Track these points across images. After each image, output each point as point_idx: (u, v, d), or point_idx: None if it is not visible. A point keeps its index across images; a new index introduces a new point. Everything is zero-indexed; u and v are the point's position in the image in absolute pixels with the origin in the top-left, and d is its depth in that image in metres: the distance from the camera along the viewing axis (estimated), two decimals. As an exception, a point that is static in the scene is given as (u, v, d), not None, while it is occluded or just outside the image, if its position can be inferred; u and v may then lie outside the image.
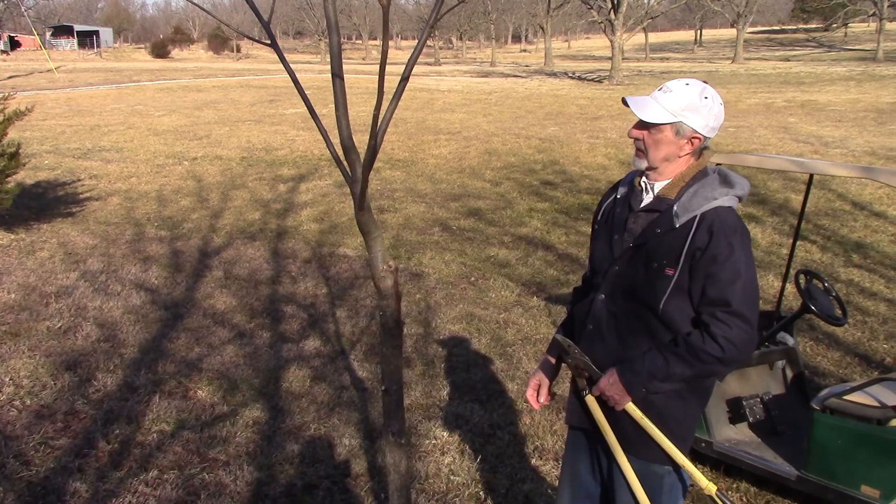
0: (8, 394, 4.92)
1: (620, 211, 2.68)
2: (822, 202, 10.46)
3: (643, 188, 2.63)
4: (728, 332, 2.38)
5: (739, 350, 2.40)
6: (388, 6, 1.88)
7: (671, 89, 2.52)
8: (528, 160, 14.26)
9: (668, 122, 2.50)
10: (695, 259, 2.43)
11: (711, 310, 2.42)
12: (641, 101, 2.54)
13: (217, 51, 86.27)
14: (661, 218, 2.54)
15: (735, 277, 2.40)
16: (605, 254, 2.69)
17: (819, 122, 19.18)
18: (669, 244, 2.48)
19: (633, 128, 2.59)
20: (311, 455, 4.33)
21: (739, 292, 2.39)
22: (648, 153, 2.55)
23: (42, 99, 23.12)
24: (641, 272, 2.54)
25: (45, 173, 12.82)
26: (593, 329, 2.67)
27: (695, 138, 2.52)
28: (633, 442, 2.61)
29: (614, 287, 2.62)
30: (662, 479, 2.64)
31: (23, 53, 67.86)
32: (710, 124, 2.52)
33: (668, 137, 2.51)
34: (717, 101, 2.53)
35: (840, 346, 5.96)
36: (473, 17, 75.29)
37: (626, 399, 2.54)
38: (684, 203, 2.49)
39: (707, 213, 2.45)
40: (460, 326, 6.30)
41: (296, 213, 10.22)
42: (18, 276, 7.38)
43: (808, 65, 44.39)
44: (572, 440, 2.90)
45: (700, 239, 2.43)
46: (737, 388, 4.33)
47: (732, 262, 2.40)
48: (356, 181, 2.19)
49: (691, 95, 2.49)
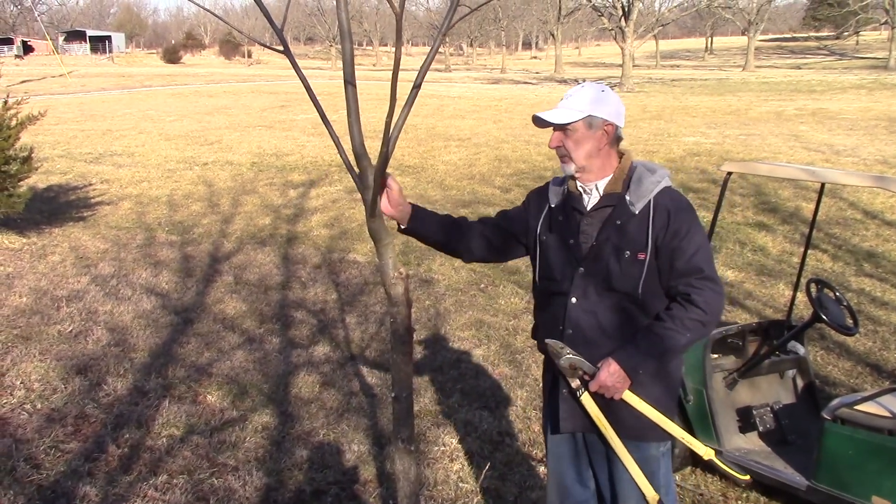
0: (19, 397, 4.94)
1: (565, 216, 2.79)
2: (833, 211, 10.41)
3: (583, 191, 2.76)
4: (706, 296, 2.57)
5: (717, 310, 2.61)
6: (402, 14, 1.88)
7: (571, 94, 2.72)
8: (538, 167, 14.26)
9: (578, 119, 2.65)
10: (659, 239, 2.62)
11: (686, 280, 2.60)
12: (549, 112, 2.69)
13: (228, 56, 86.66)
14: (617, 211, 2.68)
15: (699, 247, 2.61)
16: (565, 259, 2.77)
17: (830, 130, 19.11)
18: (633, 231, 2.64)
19: (552, 138, 2.73)
20: (319, 461, 4.33)
21: (705, 259, 2.61)
22: (572, 154, 2.69)
23: (54, 103, 23.23)
24: (613, 264, 2.66)
25: (57, 177, 12.89)
26: (573, 333, 2.74)
27: (607, 125, 2.67)
28: (634, 428, 2.71)
29: (585, 287, 2.71)
30: (659, 462, 2.78)
31: (36, 58, 68.32)
32: (617, 110, 2.70)
33: (584, 133, 2.66)
34: (610, 90, 2.73)
35: (851, 355, 5.93)
36: (484, 24, 75.35)
37: (626, 385, 2.64)
38: (634, 191, 2.67)
39: (658, 196, 2.65)
40: (469, 333, 6.30)
41: (306, 218, 10.24)
42: (30, 279, 7.42)
43: (820, 73, 44.25)
44: (556, 450, 2.95)
45: (660, 219, 2.62)
46: (747, 398, 4.32)
47: (693, 234, 2.61)
48: (367, 188, 2.19)
49: (590, 91, 2.69)
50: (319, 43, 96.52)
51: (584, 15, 64.19)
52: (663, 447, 2.79)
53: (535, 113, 2.70)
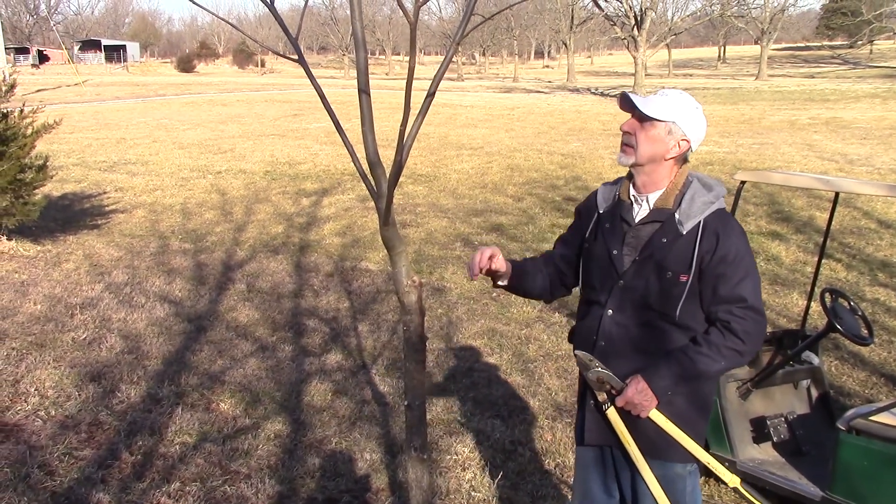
0: (33, 404, 4.97)
1: (612, 225, 2.72)
2: (847, 220, 10.36)
3: (634, 201, 2.69)
4: (747, 326, 2.51)
5: (756, 341, 2.54)
6: (416, 24, 1.89)
7: (668, 94, 2.62)
8: (550, 176, 14.25)
9: (664, 120, 2.57)
10: (704, 262, 2.54)
11: (727, 307, 2.53)
12: (640, 98, 2.61)
13: (242, 65, 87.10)
14: (665, 227, 2.61)
15: (745, 275, 2.53)
16: (606, 270, 2.71)
17: (844, 139, 19.03)
18: (679, 251, 2.57)
19: (627, 122, 2.64)
20: (332, 469, 4.33)
21: (751, 288, 2.54)
22: (638, 148, 2.61)
23: (69, 112, 23.39)
24: (653, 282, 2.60)
25: (72, 185, 12.99)
26: (606, 345, 2.70)
27: (683, 141, 2.60)
28: (658, 446, 2.65)
29: (622, 301, 2.67)
30: (685, 480, 2.71)
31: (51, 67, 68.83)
32: (699, 131, 2.62)
33: (660, 135, 2.59)
34: (703, 117, 2.64)
35: (866, 365, 5.89)
36: (496, 33, 75.45)
37: (653, 405, 2.59)
38: (685, 210, 2.58)
39: (709, 218, 2.57)
40: (482, 342, 6.30)
41: (319, 227, 10.27)
42: (45, 287, 7.47)
43: (833, 82, 44.09)
44: (583, 460, 2.92)
45: (708, 242, 2.54)
46: (761, 408, 4.29)
47: (740, 260, 2.53)
48: (381, 196, 2.19)
49: (686, 102, 2.61)
50: (332, 52, 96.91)
51: (597, 24, 64.24)
52: (690, 466, 2.72)
53: (625, 91, 2.63)
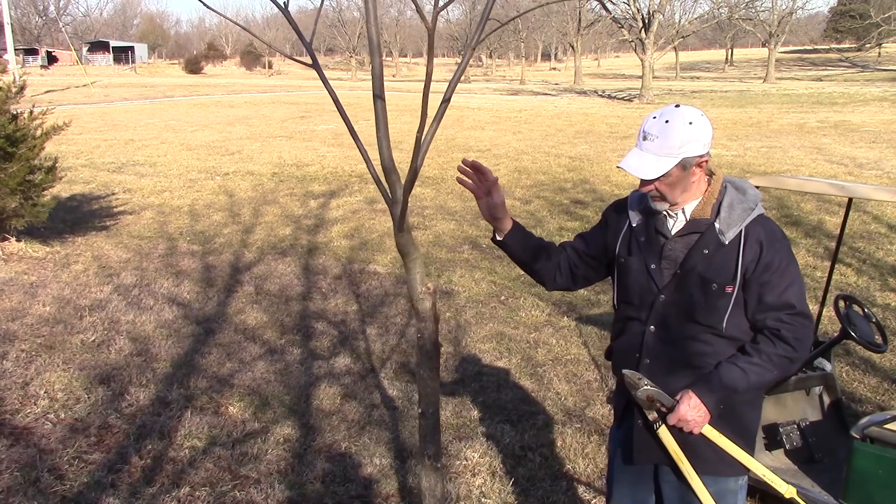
0: (42, 407, 4.96)
1: (647, 239, 2.64)
2: (857, 225, 10.31)
3: (668, 214, 2.61)
4: (797, 332, 2.48)
5: (807, 347, 2.51)
6: (434, 29, 1.87)
7: (656, 134, 2.45)
8: (557, 178, 14.23)
9: (672, 165, 2.45)
10: (748, 272, 2.48)
11: (776, 314, 2.48)
12: (637, 163, 2.48)
13: (249, 67, 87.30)
14: (705, 238, 2.53)
15: (792, 281, 2.49)
16: (645, 285, 2.64)
17: (853, 142, 18.96)
18: (722, 262, 2.50)
19: (642, 185, 2.54)
20: (341, 474, 4.31)
21: (797, 294, 2.50)
22: (666, 196, 2.54)
23: (78, 113, 23.46)
24: (698, 296, 2.53)
25: (80, 187, 13.01)
26: (651, 362, 2.64)
27: (701, 161, 2.50)
28: (710, 462, 2.60)
29: (664, 316, 2.60)
30: (737, 495, 2.67)
31: (60, 68, 69.09)
32: (708, 140, 2.50)
33: (678, 176, 2.49)
34: (698, 117, 2.47)
35: (878, 372, 5.85)
36: (504, 36, 75.38)
37: (706, 420, 2.54)
38: (725, 219, 2.51)
39: (750, 226, 2.50)
40: (490, 346, 6.27)
41: (326, 229, 10.26)
42: (53, 288, 7.47)
43: (841, 85, 43.95)
44: (619, 475, 2.85)
45: (751, 251, 2.48)
46: (773, 415, 4.26)
47: (785, 267, 2.49)
48: (396, 202, 2.18)
49: (680, 129, 2.43)
50: (340, 54, 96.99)
51: (604, 27, 64.10)
52: (741, 480, 2.67)
53: (619, 164, 2.54)
